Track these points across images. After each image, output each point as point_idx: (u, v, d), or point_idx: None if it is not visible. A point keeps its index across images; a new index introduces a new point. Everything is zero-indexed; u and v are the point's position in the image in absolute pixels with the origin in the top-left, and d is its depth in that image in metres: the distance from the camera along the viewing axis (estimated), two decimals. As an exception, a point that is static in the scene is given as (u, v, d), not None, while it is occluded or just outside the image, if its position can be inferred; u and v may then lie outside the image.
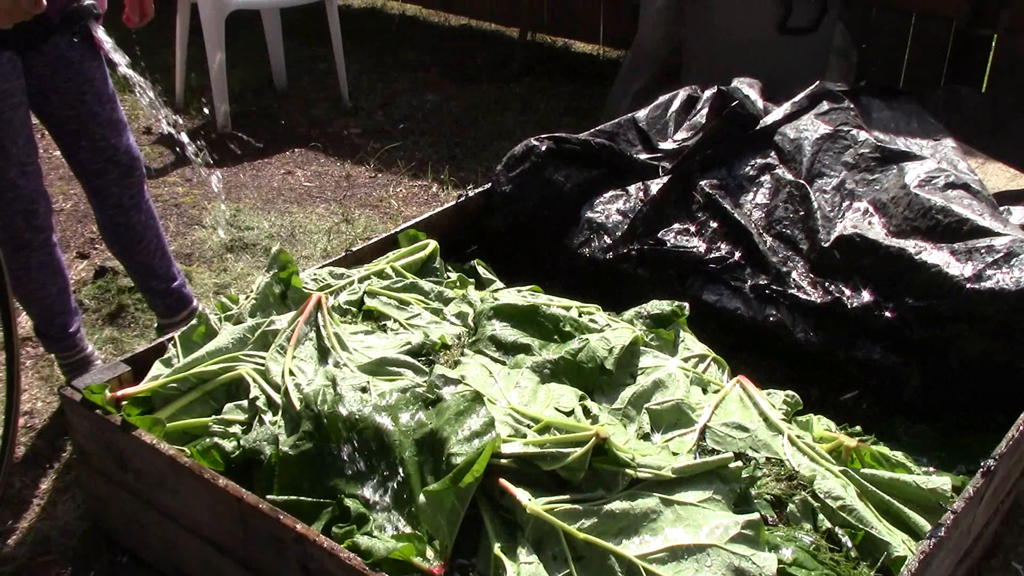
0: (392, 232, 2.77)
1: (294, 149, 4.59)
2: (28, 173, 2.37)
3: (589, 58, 5.81)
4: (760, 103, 3.05)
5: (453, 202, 3.04)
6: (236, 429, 2.01)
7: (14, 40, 2.22)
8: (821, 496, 1.88)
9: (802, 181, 2.78)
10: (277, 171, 4.36)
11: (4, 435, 1.95)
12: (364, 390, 1.97)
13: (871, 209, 2.67)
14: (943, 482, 1.95)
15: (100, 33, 2.04)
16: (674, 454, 1.92)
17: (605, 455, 1.75)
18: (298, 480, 1.85)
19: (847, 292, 2.50)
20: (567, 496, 1.71)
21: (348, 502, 1.79)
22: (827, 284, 2.54)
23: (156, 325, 3.05)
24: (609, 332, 2.23)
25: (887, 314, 2.42)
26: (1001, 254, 2.33)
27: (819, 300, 2.52)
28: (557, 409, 1.95)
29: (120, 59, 2.12)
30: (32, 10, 1.88)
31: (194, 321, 2.29)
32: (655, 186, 2.90)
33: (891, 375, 2.44)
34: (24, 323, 3.08)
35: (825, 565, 1.74)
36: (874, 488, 1.94)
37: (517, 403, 1.96)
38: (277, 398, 2.00)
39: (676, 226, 2.82)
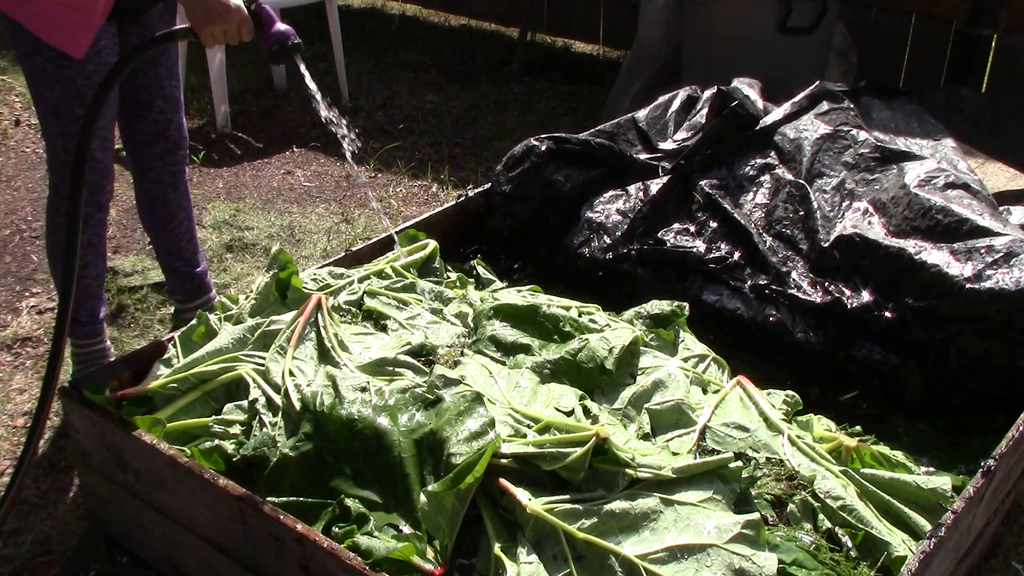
0: (392, 232, 2.77)
1: (294, 149, 4.59)
2: (106, 148, 2.43)
3: (589, 58, 5.81)
4: (760, 103, 3.05)
5: (453, 202, 3.04)
6: (236, 429, 2.01)
7: (118, 11, 2.28)
8: (821, 496, 1.88)
9: (802, 181, 2.78)
10: (277, 171, 4.36)
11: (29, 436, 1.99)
12: (364, 390, 1.97)
13: (871, 209, 2.67)
14: (943, 482, 1.95)
15: (302, 68, 2.32)
16: (674, 454, 1.92)
17: (605, 455, 1.75)
18: (298, 481, 1.85)
19: (847, 292, 2.50)
20: (567, 496, 1.71)
21: (348, 502, 1.79)
22: (827, 284, 2.54)
23: (173, 310, 3.07)
24: (609, 332, 2.23)
25: (887, 314, 2.42)
26: (1001, 254, 2.32)
27: (819, 300, 2.52)
28: (557, 409, 1.95)
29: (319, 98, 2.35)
30: (246, 38, 2.10)
31: (194, 321, 2.30)
32: (655, 186, 2.90)
33: (891, 375, 2.44)
34: (26, 323, 3.08)
35: (825, 565, 1.74)
36: (874, 488, 1.94)
37: (517, 403, 1.96)
38: (277, 399, 2.00)
39: (676, 226, 2.82)
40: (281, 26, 2.10)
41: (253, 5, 2.10)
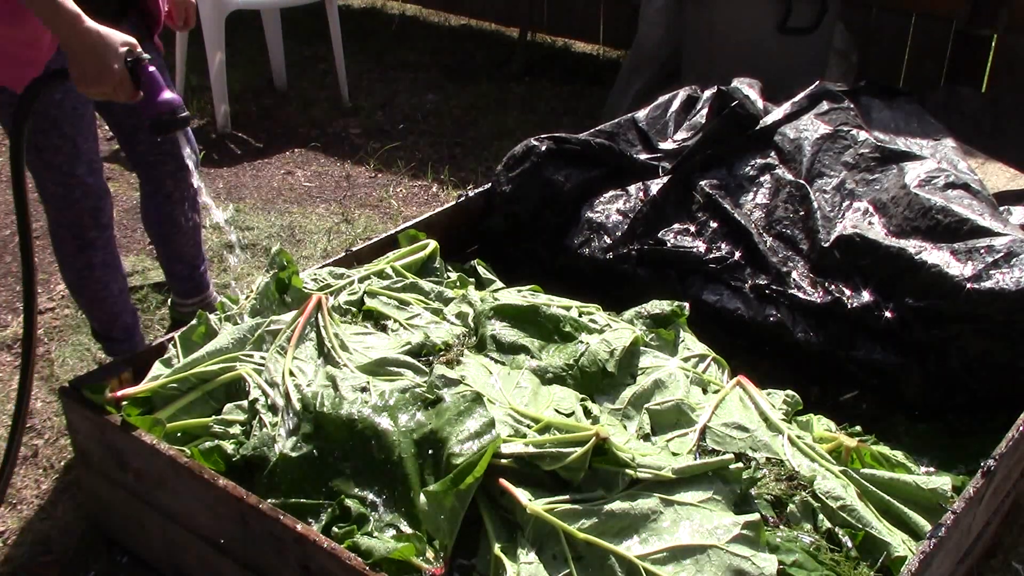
0: (392, 232, 2.77)
1: (294, 149, 4.59)
2: (95, 170, 2.40)
3: (589, 58, 5.81)
4: (760, 103, 3.05)
5: (453, 202, 3.04)
6: (236, 429, 2.01)
7: None
8: (821, 496, 1.88)
9: (802, 181, 2.78)
10: (277, 171, 4.36)
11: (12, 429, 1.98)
12: (364, 390, 1.97)
13: (871, 209, 2.67)
14: (943, 482, 1.95)
15: (186, 147, 2.24)
16: (674, 454, 1.92)
17: (605, 455, 1.75)
18: (298, 481, 1.85)
19: (847, 292, 2.50)
20: (567, 496, 1.71)
21: (348, 502, 1.79)
22: (827, 284, 2.54)
23: (170, 302, 3.07)
24: (609, 333, 2.23)
25: (887, 314, 2.42)
26: (1001, 254, 2.32)
27: (819, 300, 2.52)
28: (557, 410, 1.95)
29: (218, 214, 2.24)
30: (129, 100, 1.90)
31: (194, 321, 2.29)
32: (655, 186, 2.90)
33: (891, 375, 2.44)
34: (18, 326, 3.08)
35: (825, 565, 1.74)
36: (874, 488, 1.94)
37: (517, 403, 1.96)
38: (277, 399, 2.00)
39: (676, 226, 2.82)
40: (169, 94, 1.87)
41: (137, 65, 1.86)
